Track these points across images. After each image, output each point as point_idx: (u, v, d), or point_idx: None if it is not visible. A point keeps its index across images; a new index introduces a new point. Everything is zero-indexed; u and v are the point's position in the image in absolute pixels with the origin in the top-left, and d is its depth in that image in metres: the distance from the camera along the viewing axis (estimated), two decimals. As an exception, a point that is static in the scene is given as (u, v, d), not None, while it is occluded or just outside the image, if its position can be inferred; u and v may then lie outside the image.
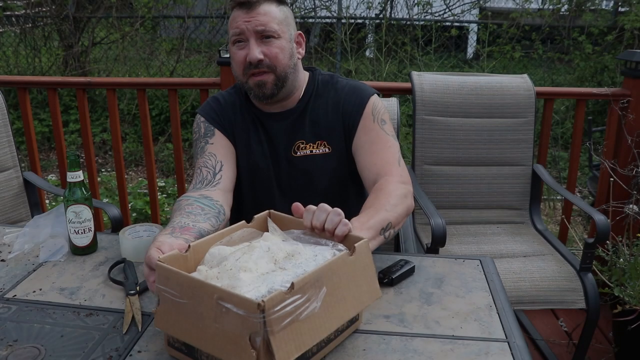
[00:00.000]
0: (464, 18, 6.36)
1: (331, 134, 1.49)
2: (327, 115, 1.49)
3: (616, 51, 5.21)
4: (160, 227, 1.38)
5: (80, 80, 2.48)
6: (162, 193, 3.72)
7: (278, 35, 1.39)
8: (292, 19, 1.45)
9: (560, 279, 1.88)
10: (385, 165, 1.41)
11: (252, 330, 0.81)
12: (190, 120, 5.14)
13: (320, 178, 1.50)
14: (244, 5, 1.38)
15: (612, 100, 2.37)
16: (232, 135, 1.51)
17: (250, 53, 1.37)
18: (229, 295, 0.83)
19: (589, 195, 3.54)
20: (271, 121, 1.50)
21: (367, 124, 1.46)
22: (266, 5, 1.38)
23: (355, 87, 1.51)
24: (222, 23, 5.68)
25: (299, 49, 1.48)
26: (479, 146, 2.25)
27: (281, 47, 1.39)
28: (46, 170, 4.58)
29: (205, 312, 0.86)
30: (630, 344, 2.01)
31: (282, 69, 1.40)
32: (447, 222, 1.76)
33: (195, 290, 0.88)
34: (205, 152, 1.47)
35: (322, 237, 1.07)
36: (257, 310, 0.80)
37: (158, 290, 0.93)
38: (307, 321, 0.88)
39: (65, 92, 5.27)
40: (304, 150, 1.49)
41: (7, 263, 1.32)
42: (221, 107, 1.53)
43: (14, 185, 2.16)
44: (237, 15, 1.39)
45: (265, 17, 1.37)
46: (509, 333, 1.05)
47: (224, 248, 1.02)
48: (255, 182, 1.53)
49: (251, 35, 1.38)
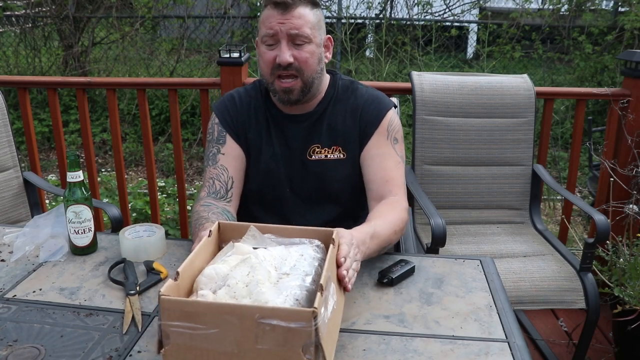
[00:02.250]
0: (464, 18, 6.36)
1: (347, 141, 1.49)
2: (345, 122, 1.49)
3: (616, 51, 5.21)
4: (160, 227, 1.38)
5: (80, 80, 2.48)
6: (162, 193, 3.71)
7: (310, 40, 1.39)
8: (323, 22, 1.45)
9: (560, 279, 1.88)
10: (393, 185, 1.44)
11: (304, 341, 0.78)
12: (190, 120, 5.13)
13: (332, 183, 1.50)
14: (280, 6, 1.36)
15: (612, 100, 2.37)
16: (244, 139, 1.51)
17: (281, 55, 1.37)
18: (273, 311, 0.79)
19: (589, 195, 3.54)
20: (289, 123, 1.51)
21: (381, 139, 1.48)
22: (301, 8, 1.37)
23: (375, 96, 1.52)
24: (222, 23, 5.68)
25: (327, 53, 1.48)
26: (479, 146, 2.25)
27: (311, 52, 1.39)
28: (46, 170, 4.58)
29: (241, 336, 0.80)
30: (630, 344, 2.01)
31: (309, 74, 1.41)
32: (447, 222, 1.76)
33: (227, 316, 0.80)
34: (217, 162, 1.49)
35: (292, 236, 1.07)
36: (312, 319, 0.77)
37: (166, 328, 0.83)
38: (332, 317, 0.88)
39: (65, 92, 5.27)
40: (319, 154, 1.49)
41: (7, 263, 1.32)
42: (236, 109, 1.53)
43: (14, 185, 2.16)
44: (271, 14, 1.38)
45: (299, 21, 1.36)
46: (509, 333, 1.05)
47: (219, 267, 0.96)
48: (265, 184, 1.53)
49: (283, 38, 1.37)
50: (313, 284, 0.92)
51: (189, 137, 5.00)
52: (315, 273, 0.96)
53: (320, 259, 1.00)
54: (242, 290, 0.88)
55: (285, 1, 1.35)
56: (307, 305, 0.87)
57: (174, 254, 1.36)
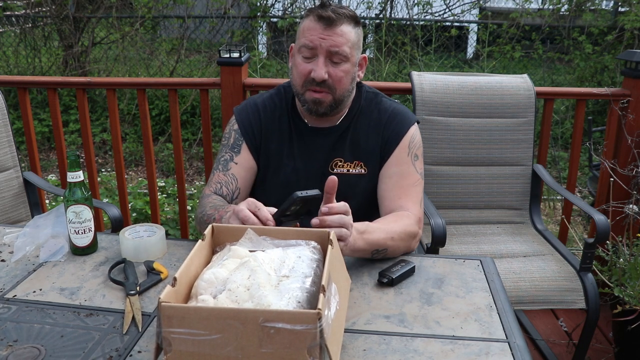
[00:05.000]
0: (464, 18, 6.36)
1: (369, 157, 1.49)
2: (368, 137, 1.49)
3: (616, 51, 5.21)
4: (161, 227, 1.38)
5: (80, 80, 2.48)
6: (162, 193, 3.71)
7: (347, 59, 1.38)
8: (362, 40, 1.44)
9: (560, 279, 1.88)
10: (407, 202, 1.43)
11: (309, 343, 0.78)
12: (190, 120, 5.13)
13: (353, 198, 1.49)
14: (324, 20, 1.35)
15: (612, 100, 2.37)
16: (265, 150, 1.51)
17: (317, 71, 1.36)
18: (278, 314, 0.79)
19: (589, 195, 3.54)
20: (313, 135, 1.50)
21: (402, 156, 1.47)
22: (345, 26, 1.37)
23: (398, 112, 1.51)
24: (222, 23, 5.68)
25: (360, 72, 1.47)
26: (479, 146, 2.25)
27: (346, 71, 1.39)
28: (46, 170, 4.58)
29: (245, 341, 0.80)
30: (630, 344, 2.01)
31: (341, 92, 1.41)
32: (447, 222, 1.76)
33: (230, 321, 0.80)
34: (228, 170, 1.49)
35: (288, 238, 1.07)
36: (317, 321, 0.77)
37: (167, 334, 0.82)
38: (336, 318, 0.88)
39: (65, 92, 5.27)
40: (341, 168, 1.49)
41: (8, 263, 1.32)
42: (259, 120, 1.51)
43: (14, 185, 2.16)
44: (314, 27, 1.36)
45: (341, 39, 1.36)
46: (509, 333, 1.05)
47: (218, 271, 0.95)
48: (282, 197, 1.50)
49: (322, 53, 1.36)
50: (313, 285, 0.92)
51: (189, 137, 5.00)
52: (315, 274, 0.95)
53: (318, 260, 1.00)
54: (244, 294, 0.88)
55: (330, 16, 1.34)
56: (309, 307, 0.87)
57: (174, 254, 1.36)
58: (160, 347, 0.84)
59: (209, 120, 2.46)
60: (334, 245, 1.02)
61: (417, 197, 1.46)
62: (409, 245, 1.36)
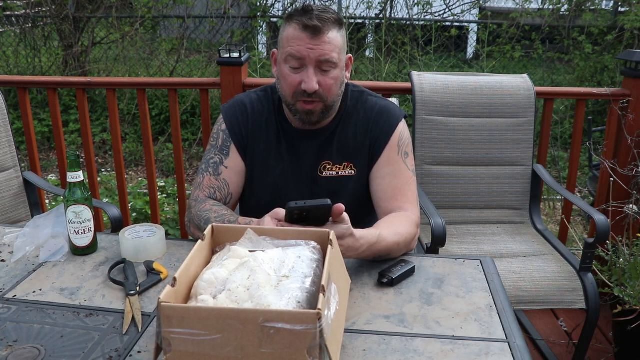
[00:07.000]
0: (464, 18, 6.36)
1: (357, 157, 1.48)
2: (356, 138, 1.48)
3: (616, 51, 5.21)
4: (161, 227, 1.38)
5: (80, 80, 2.48)
6: (162, 193, 3.71)
7: (336, 65, 1.36)
8: (346, 40, 1.42)
9: (560, 279, 1.88)
10: (404, 202, 1.43)
11: (309, 343, 0.78)
12: (190, 120, 5.13)
13: (342, 198, 1.49)
14: (310, 30, 1.31)
15: (612, 100, 2.37)
16: (252, 151, 1.49)
17: (308, 83, 1.33)
18: (278, 314, 0.79)
19: (589, 195, 3.54)
20: (301, 138, 1.48)
21: (392, 155, 1.46)
22: (331, 32, 1.33)
23: (384, 109, 1.49)
24: (222, 23, 5.68)
25: (346, 73, 1.45)
26: (479, 146, 2.25)
27: (336, 78, 1.37)
28: (46, 170, 4.58)
29: (245, 341, 0.80)
30: (630, 344, 2.01)
31: (332, 99, 1.39)
32: (447, 222, 1.76)
33: (230, 321, 0.80)
34: (220, 174, 1.47)
35: (288, 238, 1.07)
36: (317, 321, 0.77)
37: (167, 335, 0.83)
38: (336, 318, 0.88)
39: (65, 92, 5.27)
40: (330, 171, 1.48)
41: (7, 263, 1.32)
42: (247, 119, 1.49)
43: (14, 185, 2.16)
44: (299, 37, 1.32)
45: (329, 46, 1.32)
46: (509, 333, 1.05)
47: (218, 271, 0.95)
48: (274, 200, 1.47)
49: (311, 63, 1.33)
50: (313, 285, 0.92)
51: (189, 137, 5.00)
52: (315, 275, 0.95)
53: (317, 260, 1.00)
54: (244, 294, 0.88)
55: (316, 26, 1.30)
56: (308, 308, 0.87)
57: (174, 254, 1.36)
58: (160, 348, 0.84)
59: (209, 120, 2.46)
60: (334, 246, 1.02)
61: (412, 196, 1.45)
62: (407, 249, 1.36)
